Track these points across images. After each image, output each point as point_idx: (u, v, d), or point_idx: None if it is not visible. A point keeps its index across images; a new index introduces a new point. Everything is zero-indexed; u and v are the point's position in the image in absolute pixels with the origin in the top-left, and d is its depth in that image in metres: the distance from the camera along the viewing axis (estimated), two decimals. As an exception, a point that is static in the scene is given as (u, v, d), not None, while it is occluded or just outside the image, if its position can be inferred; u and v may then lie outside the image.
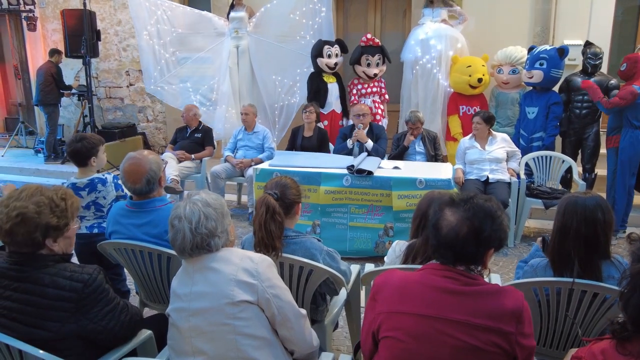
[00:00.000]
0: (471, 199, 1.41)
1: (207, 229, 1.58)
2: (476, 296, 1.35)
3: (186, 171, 5.12)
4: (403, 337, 1.38)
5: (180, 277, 1.67)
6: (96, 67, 7.63)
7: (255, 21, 6.04)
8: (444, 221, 1.39)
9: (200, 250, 1.59)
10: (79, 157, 2.83)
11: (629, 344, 1.10)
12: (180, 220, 1.59)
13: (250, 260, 1.61)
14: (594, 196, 1.85)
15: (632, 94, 4.07)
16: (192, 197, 1.66)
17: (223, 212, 1.67)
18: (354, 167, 3.90)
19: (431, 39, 5.43)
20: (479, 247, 1.38)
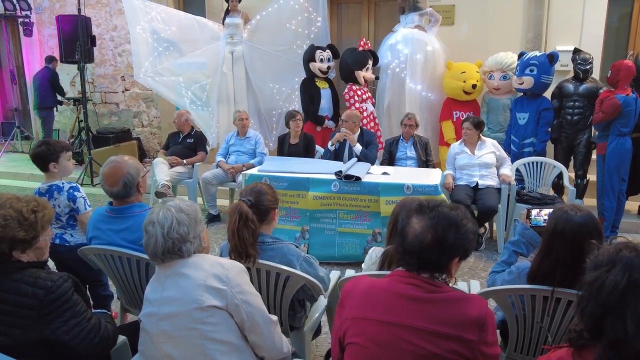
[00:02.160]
0: (437, 207, 1.40)
1: (178, 234, 1.60)
2: (438, 303, 1.34)
3: (178, 176, 5.12)
4: (366, 343, 1.38)
5: (153, 283, 1.68)
6: (92, 72, 7.66)
7: (250, 28, 6.07)
8: (409, 228, 1.39)
9: (172, 255, 1.60)
10: (39, 162, 2.79)
11: (585, 352, 1.09)
12: (153, 225, 1.61)
13: (220, 266, 1.62)
14: (583, 215, 1.77)
15: (614, 106, 4.09)
16: (166, 203, 1.68)
17: (196, 218, 1.68)
18: (342, 172, 3.89)
19: (399, 43, 5.47)
20: (442, 256, 1.37)
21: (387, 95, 5.66)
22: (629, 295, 1.02)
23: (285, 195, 4.03)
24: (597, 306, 1.05)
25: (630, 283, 1.02)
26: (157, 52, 6.04)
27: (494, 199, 4.15)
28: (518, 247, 2.10)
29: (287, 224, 4.08)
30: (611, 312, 1.03)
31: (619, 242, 1.14)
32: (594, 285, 1.07)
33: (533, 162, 4.79)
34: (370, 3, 6.49)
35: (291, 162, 4.35)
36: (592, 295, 1.07)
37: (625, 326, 1.00)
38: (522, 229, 2.09)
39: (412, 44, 5.45)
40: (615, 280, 1.04)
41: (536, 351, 1.94)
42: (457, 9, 5.94)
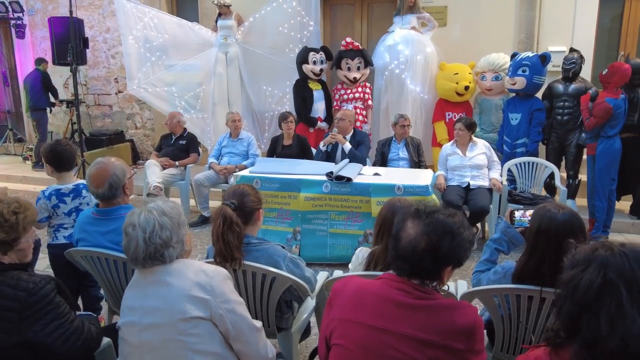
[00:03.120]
0: (434, 213, 1.37)
1: (161, 239, 1.54)
2: (427, 311, 1.32)
3: (170, 178, 5.11)
4: (351, 346, 1.36)
5: (133, 289, 1.63)
6: (85, 74, 7.64)
7: (244, 30, 6.07)
8: (404, 233, 1.36)
9: (154, 260, 1.55)
10: (62, 161, 2.78)
11: (562, 351, 1.09)
12: (134, 228, 1.56)
13: (204, 274, 1.57)
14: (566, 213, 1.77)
15: (605, 110, 4.10)
16: (148, 204, 1.62)
17: (179, 221, 1.63)
18: (333, 173, 3.89)
19: (399, 44, 5.46)
20: (435, 264, 1.34)
21: (385, 96, 5.66)
22: (604, 294, 1.02)
23: (276, 196, 4.03)
24: (573, 305, 1.05)
25: (604, 282, 1.02)
26: (149, 62, 6.03)
27: (485, 200, 4.16)
28: (500, 245, 2.09)
29: (278, 226, 4.07)
30: (586, 310, 1.03)
31: (596, 241, 1.14)
32: (570, 284, 1.07)
33: (525, 162, 4.80)
34: (364, 4, 6.50)
35: (282, 164, 4.34)
36: (568, 295, 1.07)
37: (600, 325, 1.00)
38: (504, 227, 2.09)
39: (413, 45, 5.46)
40: (590, 279, 1.03)
41: (522, 350, 1.93)
42: (450, 10, 5.96)
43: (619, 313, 0.99)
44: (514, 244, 2.08)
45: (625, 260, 1.03)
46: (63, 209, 2.80)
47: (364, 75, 5.57)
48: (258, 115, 6.36)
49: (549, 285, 1.73)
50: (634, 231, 4.83)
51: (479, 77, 5.47)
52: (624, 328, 0.98)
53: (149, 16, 5.97)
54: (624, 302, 1.00)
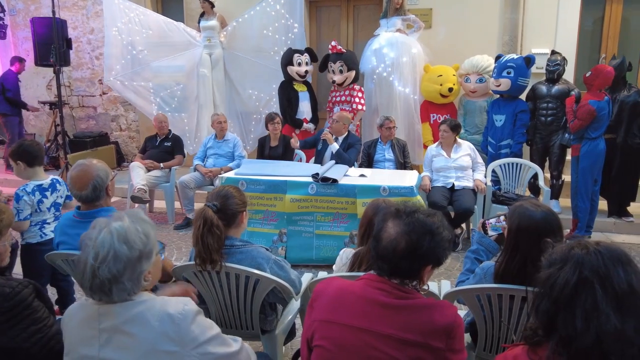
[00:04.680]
0: (414, 212, 1.38)
1: (110, 273, 1.28)
2: (407, 310, 1.32)
3: (155, 180, 5.06)
4: (331, 347, 1.36)
5: (83, 328, 1.34)
6: (69, 75, 7.54)
7: (228, 34, 6.06)
8: (384, 233, 1.37)
9: (100, 294, 1.31)
10: (33, 154, 2.86)
11: (540, 350, 1.10)
12: (87, 246, 1.32)
13: (170, 322, 1.31)
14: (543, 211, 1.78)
15: (589, 112, 4.16)
16: (116, 220, 1.35)
17: (143, 252, 1.34)
18: (319, 175, 3.89)
19: (384, 47, 5.49)
20: (415, 263, 1.35)
21: (375, 100, 5.68)
22: (579, 292, 1.03)
23: (262, 198, 4.01)
24: (550, 303, 1.06)
25: (580, 280, 1.03)
26: (130, 55, 6.01)
27: (470, 200, 4.19)
28: (478, 255, 2.12)
29: (264, 227, 4.06)
30: (562, 308, 1.04)
31: (573, 240, 1.15)
32: (547, 283, 1.08)
33: (509, 163, 4.85)
34: (349, 6, 6.52)
35: (268, 165, 4.33)
36: (545, 293, 1.08)
37: (575, 322, 1.01)
38: (478, 238, 2.12)
39: (398, 47, 5.48)
40: (566, 278, 1.05)
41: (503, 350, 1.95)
42: (435, 12, 6.00)
43: (593, 310, 1.00)
44: (491, 252, 2.10)
45: (599, 258, 1.04)
46: (46, 204, 2.88)
47: (347, 78, 5.51)
48: (243, 117, 6.34)
49: (531, 284, 1.74)
50: (616, 230, 4.90)
51: (463, 79, 5.52)
52: (598, 325, 0.99)
53: (135, 12, 5.96)
54: (599, 299, 1.01)
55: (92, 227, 1.36)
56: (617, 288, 1.01)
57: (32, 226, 2.86)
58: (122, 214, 1.39)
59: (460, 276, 2.14)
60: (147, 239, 1.36)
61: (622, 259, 1.05)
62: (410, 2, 5.92)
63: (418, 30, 5.70)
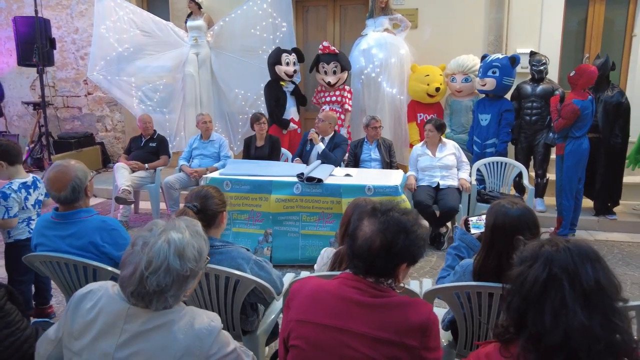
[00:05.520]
0: (389, 211, 1.38)
1: (158, 285, 1.24)
2: (382, 309, 1.32)
3: (140, 181, 5.01)
4: (307, 346, 1.36)
5: (105, 318, 1.30)
6: (53, 76, 7.45)
7: (215, 33, 6.03)
8: (360, 231, 1.37)
9: (138, 302, 1.28)
10: (12, 152, 2.88)
11: (512, 346, 1.10)
12: (143, 249, 1.27)
13: (195, 337, 1.28)
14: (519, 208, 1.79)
15: (573, 111, 4.19)
16: (177, 230, 1.31)
17: (194, 271, 1.31)
18: (304, 175, 3.88)
19: (372, 48, 5.50)
20: (390, 261, 1.35)
21: (363, 100, 5.69)
22: (548, 289, 1.03)
23: (247, 198, 4.00)
24: (520, 300, 1.07)
25: (549, 277, 1.04)
26: (115, 53, 5.96)
27: (455, 199, 4.21)
28: (459, 252, 2.13)
29: (249, 228, 4.04)
30: (532, 305, 1.04)
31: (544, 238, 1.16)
32: (518, 280, 1.08)
33: (494, 162, 4.88)
34: (336, 6, 6.52)
35: (253, 165, 4.31)
36: (516, 290, 1.08)
37: (544, 319, 1.01)
38: (460, 234, 2.13)
39: (387, 48, 5.50)
40: (536, 275, 1.05)
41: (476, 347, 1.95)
42: (420, 12, 6.03)
43: (561, 307, 1.01)
44: (472, 249, 2.11)
45: (568, 256, 1.05)
46: (30, 200, 2.92)
47: (340, 79, 5.56)
48: (230, 117, 6.32)
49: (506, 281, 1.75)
50: (600, 228, 4.95)
51: (449, 78, 5.54)
52: (566, 322, 1.00)
53: (125, 11, 5.93)
54: (567, 296, 1.01)
55: (148, 230, 1.31)
56: (585, 285, 1.02)
57: (19, 223, 2.89)
58: (183, 224, 1.34)
59: (441, 272, 2.15)
60: (200, 257, 1.33)
61: (590, 256, 1.06)
62: (396, 2, 5.94)
63: (405, 30, 5.72)
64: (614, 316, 1.01)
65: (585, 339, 0.98)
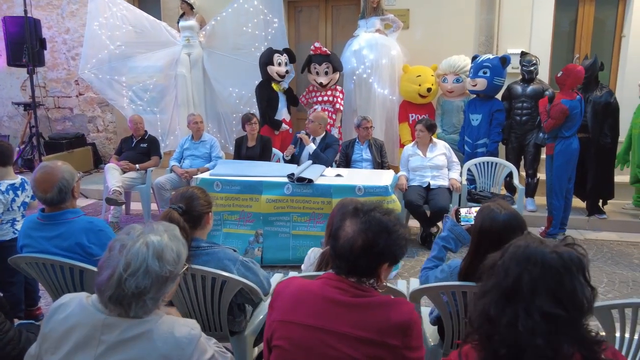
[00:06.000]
0: (371, 211, 1.38)
1: (137, 288, 1.23)
2: (364, 308, 1.32)
3: (131, 182, 4.99)
4: (289, 347, 1.36)
5: (79, 331, 1.27)
6: (44, 76, 7.40)
7: (207, 33, 6.02)
8: (342, 232, 1.37)
9: (116, 306, 1.25)
10: (7, 155, 2.91)
11: None
12: (120, 252, 1.26)
13: (175, 345, 1.27)
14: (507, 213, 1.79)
15: (562, 111, 4.22)
16: (154, 232, 1.31)
17: (172, 274, 1.30)
18: (295, 175, 3.88)
19: (364, 49, 5.52)
20: (372, 261, 1.35)
21: (355, 100, 5.70)
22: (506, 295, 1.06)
23: (238, 199, 3.99)
24: (486, 300, 1.09)
25: (508, 275, 1.07)
26: (107, 50, 5.94)
27: (445, 199, 4.22)
28: (447, 243, 2.13)
29: (240, 228, 4.04)
30: (490, 304, 1.07)
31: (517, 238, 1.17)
32: (486, 282, 1.10)
33: (484, 162, 4.90)
34: (328, 7, 6.52)
35: (244, 166, 4.30)
36: (484, 291, 1.10)
37: (499, 320, 1.04)
38: (451, 225, 2.13)
39: (377, 49, 5.51)
40: (499, 274, 1.07)
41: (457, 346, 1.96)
42: (412, 13, 6.04)
43: (511, 310, 1.03)
44: (461, 241, 2.11)
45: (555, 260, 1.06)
46: (17, 202, 2.92)
47: (332, 80, 5.56)
48: (224, 117, 6.31)
49: None
50: (590, 227, 4.98)
51: (441, 79, 5.56)
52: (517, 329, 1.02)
53: (118, 7, 5.92)
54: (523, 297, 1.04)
55: (126, 233, 1.30)
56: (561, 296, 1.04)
57: (3, 224, 2.88)
58: (161, 228, 1.34)
59: (427, 262, 2.16)
60: (178, 260, 1.33)
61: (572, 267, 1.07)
62: (387, 3, 5.95)
63: (397, 30, 5.74)
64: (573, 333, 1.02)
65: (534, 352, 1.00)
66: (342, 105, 5.63)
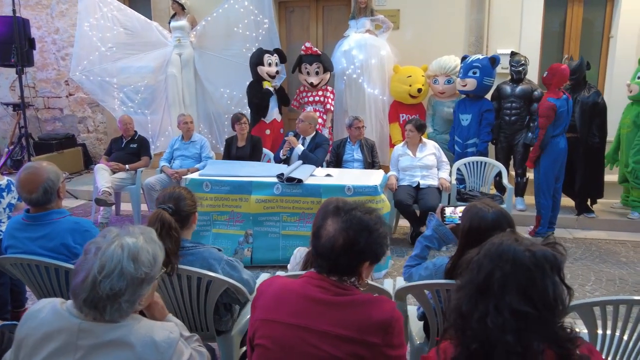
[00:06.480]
0: (352, 210, 1.39)
1: (111, 290, 1.22)
2: (344, 307, 1.33)
3: (120, 182, 4.96)
4: (271, 345, 1.36)
5: (54, 338, 1.25)
6: (33, 76, 7.35)
7: (198, 33, 6.01)
8: (323, 231, 1.38)
9: (90, 310, 1.24)
10: None
11: None
12: (95, 254, 1.25)
13: (154, 349, 1.27)
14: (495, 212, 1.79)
15: (550, 108, 4.25)
16: (129, 234, 1.31)
17: (148, 276, 1.30)
18: (284, 175, 3.88)
19: (353, 49, 5.53)
20: (353, 259, 1.36)
21: (345, 101, 5.71)
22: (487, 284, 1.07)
23: (227, 199, 3.98)
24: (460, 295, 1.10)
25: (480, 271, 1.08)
26: (98, 52, 5.91)
27: (434, 199, 4.24)
28: (430, 242, 2.13)
29: (230, 229, 4.03)
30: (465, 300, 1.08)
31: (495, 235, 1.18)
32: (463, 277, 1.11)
33: (474, 162, 4.92)
34: (319, 7, 6.53)
35: (233, 166, 4.30)
36: (459, 286, 1.11)
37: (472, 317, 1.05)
38: (436, 224, 2.13)
39: (367, 49, 5.52)
40: (472, 269, 1.09)
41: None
42: (402, 13, 6.06)
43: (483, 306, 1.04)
44: (445, 241, 2.12)
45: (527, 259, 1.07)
46: (3, 204, 2.91)
47: (323, 80, 5.58)
48: (216, 117, 6.30)
49: None
50: (578, 226, 5.02)
51: (432, 80, 5.58)
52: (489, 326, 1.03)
53: (109, 7, 5.89)
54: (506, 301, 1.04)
55: (102, 236, 1.29)
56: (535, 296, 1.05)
57: None
58: (137, 230, 1.34)
59: (409, 260, 2.17)
60: (155, 262, 1.33)
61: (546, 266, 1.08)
62: (378, 3, 5.97)
63: (387, 31, 5.75)
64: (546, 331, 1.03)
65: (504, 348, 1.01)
66: (332, 106, 5.64)
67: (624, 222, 4.98)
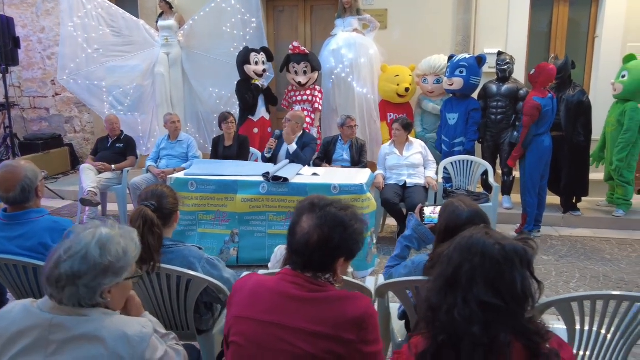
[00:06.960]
0: (327, 206, 1.39)
1: (70, 270, 1.23)
2: (319, 303, 1.32)
3: (106, 182, 4.92)
4: (245, 342, 1.35)
5: (25, 336, 1.25)
6: (18, 76, 7.27)
7: (186, 32, 5.98)
8: (298, 227, 1.38)
9: (53, 290, 1.25)
10: None
11: None
12: (71, 239, 1.29)
13: (126, 343, 1.26)
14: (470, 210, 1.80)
15: (535, 108, 4.28)
16: (108, 227, 1.33)
17: (111, 266, 1.29)
18: (270, 174, 3.87)
19: (342, 48, 5.53)
20: (327, 256, 1.36)
21: (334, 100, 5.71)
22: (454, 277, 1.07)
23: (213, 198, 3.96)
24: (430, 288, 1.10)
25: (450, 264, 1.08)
26: (85, 54, 5.86)
27: (421, 197, 4.24)
28: (410, 242, 2.14)
29: (216, 228, 4.00)
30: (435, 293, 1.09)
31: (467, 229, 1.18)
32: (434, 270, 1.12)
33: (460, 160, 4.94)
34: (307, 7, 6.52)
35: (219, 165, 4.28)
36: (430, 280, 1.11)
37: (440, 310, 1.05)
38: (415, 225, 2.14)
39: (356, 48, 5.52)
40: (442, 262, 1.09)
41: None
42: (390, 13, 6.07)
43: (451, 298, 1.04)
44: (425, 241, 2.12)
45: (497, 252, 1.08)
46: None
47: (311, 79, 5.57)
48: (205, 117, 6.27)
49: None
50: (564, 224, 5.06)
51: (421, 79, 5.60)
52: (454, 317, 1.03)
53: (93, 4, 5.82)
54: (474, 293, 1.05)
55: (86, 224, 1.35)
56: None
57: None
58: (117, 226, 1.36)
59: (390, 260, 2.17)
60: (124, 256, 1.32)
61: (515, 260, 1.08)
62: (365, 3, 5.98)
63: (374, 30, 5.76)
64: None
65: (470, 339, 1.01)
66: (320, 105, 5.63)
67: (609, 219, 5.02)
